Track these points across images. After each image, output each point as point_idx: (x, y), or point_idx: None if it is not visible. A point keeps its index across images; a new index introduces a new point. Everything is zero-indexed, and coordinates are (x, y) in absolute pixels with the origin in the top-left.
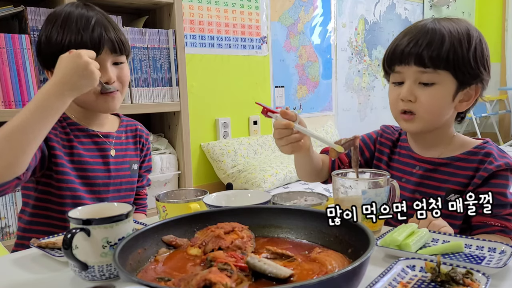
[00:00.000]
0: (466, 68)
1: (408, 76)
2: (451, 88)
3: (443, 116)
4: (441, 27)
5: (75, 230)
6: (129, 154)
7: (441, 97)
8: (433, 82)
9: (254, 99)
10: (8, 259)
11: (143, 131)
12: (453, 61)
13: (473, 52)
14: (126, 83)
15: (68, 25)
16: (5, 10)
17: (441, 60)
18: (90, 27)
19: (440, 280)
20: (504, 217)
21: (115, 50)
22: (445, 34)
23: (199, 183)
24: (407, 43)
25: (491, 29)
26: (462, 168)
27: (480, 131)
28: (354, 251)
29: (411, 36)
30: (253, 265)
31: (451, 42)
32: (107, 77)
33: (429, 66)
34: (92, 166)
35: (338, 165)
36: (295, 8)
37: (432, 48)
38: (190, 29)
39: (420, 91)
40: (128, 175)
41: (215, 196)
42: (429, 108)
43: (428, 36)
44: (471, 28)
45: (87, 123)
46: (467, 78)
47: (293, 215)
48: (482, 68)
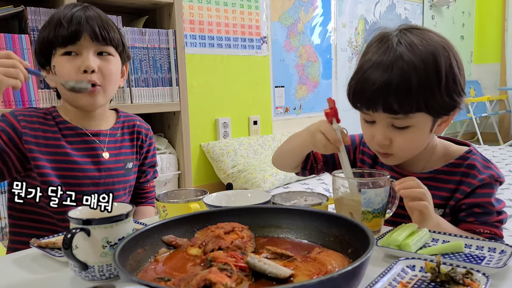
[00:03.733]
0: (439, 104)
1: (380, 120)
2: (427, 125)
3: (420, 147)
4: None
5: (75, 230)
6: (123, 153)
7: (418, 137)
8: (407, 125)
9: (254, 99)
10: (8, 259)
11: (143, 126)
12: (424, 103)
13: (445, 85)
14: (109, 76)
15: (54, 21)
16: (5, 10)
17: (411, 106)
18: (71, 16)
19: (440, 280)
20: (493, 224)
21: (96, 38)
22: (411, 74)
23: (199, 183)
24: (372, 86)
25: (491, 29)
26: (444, 181)
27: (480, 131)
28: (354, 251)
29: (376, 75)
30: (253, 265)
31: (419, 82)
32: (86, 65)
33: (399, 112)
34: (81, 166)
35: (311, 162)
36: (295, 8)
37: (399, 95)
38: (190, 29)
39: (395, 134)
40: (121, 175)
41: (215, 196)
42: (406, 148)
43: (393, 75)
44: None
45: (80, 121)
46: (442, 112)
47: (293, 215)
48: (457, 96)
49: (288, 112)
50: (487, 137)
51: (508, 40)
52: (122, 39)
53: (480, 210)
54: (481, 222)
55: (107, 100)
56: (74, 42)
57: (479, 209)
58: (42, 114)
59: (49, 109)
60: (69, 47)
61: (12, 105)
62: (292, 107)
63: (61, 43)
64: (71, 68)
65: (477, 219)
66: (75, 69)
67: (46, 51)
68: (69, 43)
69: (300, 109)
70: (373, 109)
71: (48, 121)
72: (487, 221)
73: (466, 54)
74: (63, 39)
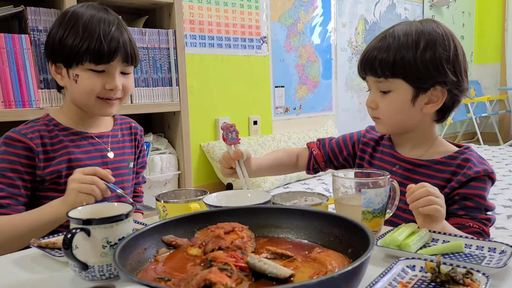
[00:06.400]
0: (415, 73)
1: (371, 84)
2: (407, 93)
3: (406, 120)
4: (395, 32)
5: (75, 230)
6: (126, 152)
7: (398, 103)
8: (389, 90)
9: (254, 99)
10: (8, 259)
11: (138, 127)
12: (401, 68)
13: (421, 55)
14: (129, 93)
15: (89, 31)
16: (5, 10)
17: (389, 69)
18: (109, 36)
19: (440, 280)
20: (482, 220)
21: (126, 61)
22: (390, 42)
23: (199, 183)
24: (364, 54)
25: (491, 29)
26: (440, 171)
27: (480, 131)
28: (354, 251)
29: (370, 46)
30: (253, 265)
31: (397, 49)
32: (113, 85)
33: (381, 75)
34: None
35: (313, 164)
36: (295, 8)
37: (380, 59)
38: (190, 29)
39: (380, 99)
40: (126, 173)
41: (215, 196)
42: (388, 114)
43: (379, 45)
44: (429, 31)
45: (83, 124)
46: (421, 82)
47: (293, 215)
48: (435, 71)
49: (288, 112)
50: (487, 137)
51: (508, 40)
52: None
53: (472, 204)
54: (471, 217)
55: None
56: (108, 62)
57: (471, 203)
58: (44, 126)
59: (46, 118)
60: (100, 66)
61: (12, 105)
62: (292, 107)
63: (95, 61)
64: (97, 84)
65: (467, 214)
66: (101, 86)
67: (72, 58)
68: (103, 62)
69: (300, 109)
70: (365, 73)
71: (51, 132)
72: (476, 216)
73: (466, 54)
74: (99, 57)
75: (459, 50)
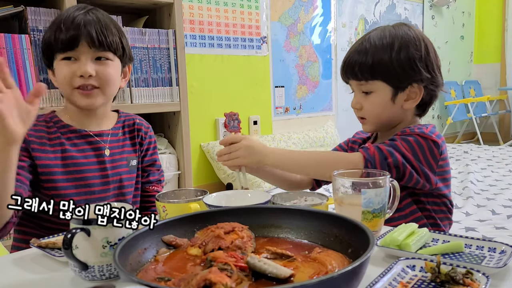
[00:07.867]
0: (392, 73)
1: (354, 87)
2: (387, 93)
3: (389, 116)
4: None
5: (75, 230)
6: (126, 151)
7: (380, 102)
8: (370, 91)
9: (254, 99)
10: (8, 259)
11: (142, 124)
12: (379, 70)
13: (396, 56)
14: (107, 81)
15: (56, 24)
16: (5, 10)
17: (369, 72)
18: (70, 20)
19: (440, 280)
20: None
21: (94, 45)
22: (368, 47)
23: (199, 183)
24: (345, 60)
25: (491, 29)
26: None
27: (480, 131)
28: (354, 251)
29: (350, 52)
30: (253, 265)
31: (374, 52)
32: (82, 71)
33: (361, 79)
34: (88, 167)
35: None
36: (295, 8)
37: (360, 63)
38: (190, 29)
39: (363, 100)
40: (126, 172)
41: (215, 196)
42: (372, 113)
43: (358, 50)
44: (401, 34)
45: (82, 122)
46: (399, 81)
47: (293, 215)
48: (410, 70)
49: (288, 112)
50: (487, 137)
51: (508, 40)
52: (123, 42)
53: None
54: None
55: (106, 101)
56: (72, 48)
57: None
58: (43, 122)
59: (49, 115)
60: (68, 52)
61: None
62: (292, 107)
63: (60, 49)
64: (68, 72)
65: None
66: (72, 73)
67: (49, 54)
68: (67, 49)
69: (300, 109)
70: (347, 77)
71: (50, 128)
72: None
73: (466, 54)
74: (62, 44)
75: (430, 49)
